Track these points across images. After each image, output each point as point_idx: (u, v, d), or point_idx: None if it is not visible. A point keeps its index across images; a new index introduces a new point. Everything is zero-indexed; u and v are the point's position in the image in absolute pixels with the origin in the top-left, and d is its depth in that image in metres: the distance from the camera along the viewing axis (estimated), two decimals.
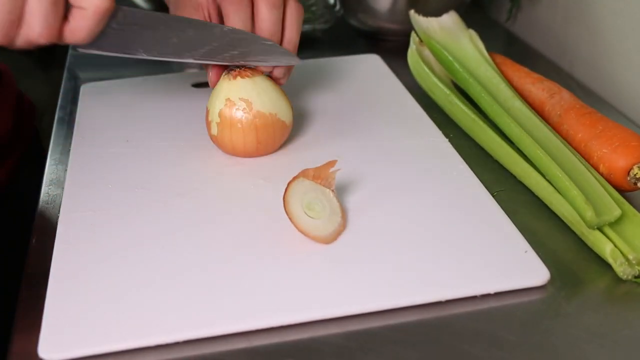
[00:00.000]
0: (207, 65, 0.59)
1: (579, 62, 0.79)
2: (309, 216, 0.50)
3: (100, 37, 0.51)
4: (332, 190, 0.50)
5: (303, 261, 0.48)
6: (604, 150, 0.55)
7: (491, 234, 0.51)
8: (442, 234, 0.51)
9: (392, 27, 0.85)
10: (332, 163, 0.50)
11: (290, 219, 0.50)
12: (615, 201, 0.51)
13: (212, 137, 0.59)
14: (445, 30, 0.69)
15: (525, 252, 0.49)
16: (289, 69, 0.60)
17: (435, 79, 0.67)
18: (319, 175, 0.50)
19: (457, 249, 0.49)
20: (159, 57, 0.55)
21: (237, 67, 0.58)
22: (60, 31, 0.48)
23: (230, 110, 0.57)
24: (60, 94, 0.76)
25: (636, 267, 0.48)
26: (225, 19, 0.57)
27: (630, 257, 0.48)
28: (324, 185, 0.50)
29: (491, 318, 0.45)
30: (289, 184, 0.50)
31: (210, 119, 0.58)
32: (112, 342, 0.43)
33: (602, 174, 0.55)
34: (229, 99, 0.57)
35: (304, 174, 0.50)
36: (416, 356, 0.42)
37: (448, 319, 0.45)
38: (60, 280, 0.47)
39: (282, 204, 0.50)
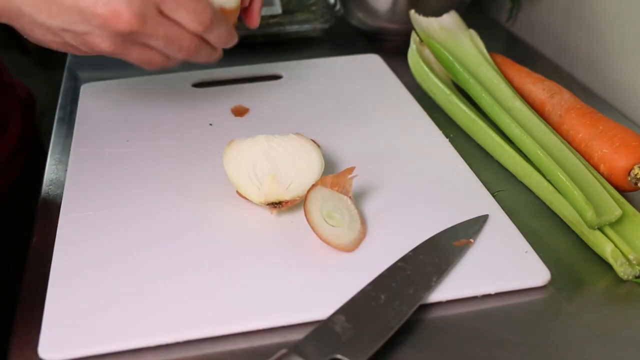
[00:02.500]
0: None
1: (579, 62, 0.79)
2: (330, 224, 0.49)
3: None
4: (350, 197, 0.49)
5: (306, 263, 0.48)
6: (604, 150, 0.55)
7: (492, 234, 0.51)
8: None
9: (392, 27, 0.85)
10: (349, 170, 0.50)
11: (312, 228, 0.50)
12: (615, 201, 0.51)
13: None
14: (446, 30, 0.69)
15: (526, 252, 0.49)
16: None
17: (435, 79, 0.67)
18: (337, 182, 0.50)
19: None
20: None
21: None
22: None
23: None
24: (60, 94, 0.76)
25: (637, 267, 0.48)
26: None
27: (631, 257, 0.48)
28: (340, 192, 0.50)
29: (492, 318, 0.45)
30: (308, 192, 0.50)
31: None
32: (112, 342, 0.42)
33: (602, 174, 0.55)
34: None
35: (322, 181, 0.50)
36: (417, 356, 0.42)
37: (449, 319, 0.45)
38: (61, 281, 0.47)
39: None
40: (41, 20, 0.48)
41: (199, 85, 0.73)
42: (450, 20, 0.70)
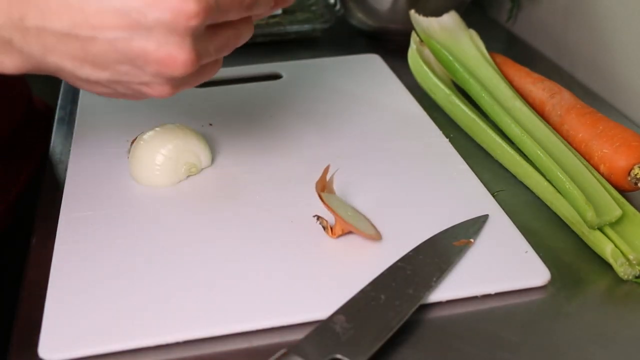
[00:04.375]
0: None
1: (579, 62, 0.79)
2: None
3: None
4: (334, 194, 0.50)
5: (306, 263, 0.48)
6: (604, 150, 0.55)
7: (492, 234, 0.51)
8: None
9: (392, 27, 0.84)
10: (326, 170, 0.51)
11: (344, 222, 0.49)
12: (615, 201, 0.51)
13: None
14: (446, 30, 0.69)
15: (526, 252, 0.49)
16: None
17: (435, 79, 0.67)
18: (324, 185, 0.51)
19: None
20: None
21: None
22: None
23: None
24: (60, 94, 0.76)
25: (637, 267, 0.48)
26: None
27: (631, 257, 0.48)
28: (328, 192, 0.50)
29: (492, 318, 0.45)
30: (322, 199, 0.49)
31: None
32: (112, 342, 0.42)
33: (602, 174, 0.55)
34: None
35: (319, 189, 0.50)
36: (417, 356, 0.42)
37: (449, 319, 0.45)
38: (61, 280, 0.47)
39: (283, 204, 0.50)
40: (86, 74, 0.42)
41: (199, 85, 0.73)
42: (450, 20, 0.70)
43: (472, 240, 0.49)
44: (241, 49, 0.65)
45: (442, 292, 0.46)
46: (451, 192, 0.56)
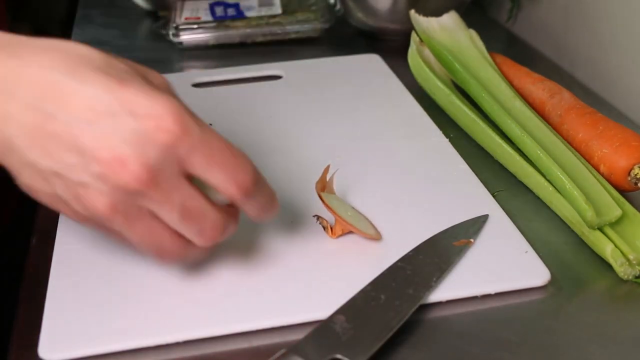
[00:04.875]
0: None
1: (579, 62, 0.79)
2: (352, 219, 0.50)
3: None
4: (335, 195, 0.50)
5: (306, 263, 0.48)
6: (604, 150, 0.55)
7: (492, 234, 0.51)
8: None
9: (392, 27, 0.85)
10: (326, 170, 0.51)
11: (344, 222, 0.49)
12: (615, 201, 0.51)
13: None
14: (446, 30, 0.69)
15: (526, 252, 0.49)
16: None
17: (435, 79, 0.67)
18: (324, 185, 0.50)
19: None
20: None
21: None
22: None
23: None
24: None
25: (637, 267, 0.48)
26: None
27: (631, 257, 0.48)
28: (328, 192, 0.50)
29: (492, 318, 0.45)
30: (322, 199, 0.49)
31: None
32: (112, 342, 0.42)
33: (602, 174, 0.55)
34: None
35: (319, 189, 0.50)
36: (417, 356, 0.42)
37: (448, 319, 0.45)
38: (61, 280, 0.47)
39: (283, 204, 0.50)
40: (33, 158, 0.38)
41: (199, 85, 0.73)
42: (450, 20, 0.70)
43: (472, 240, 0.49)
44: (242, 49, 0.65)
45: (442, 292, 0.46)
46: (451, 192, 0.56)
